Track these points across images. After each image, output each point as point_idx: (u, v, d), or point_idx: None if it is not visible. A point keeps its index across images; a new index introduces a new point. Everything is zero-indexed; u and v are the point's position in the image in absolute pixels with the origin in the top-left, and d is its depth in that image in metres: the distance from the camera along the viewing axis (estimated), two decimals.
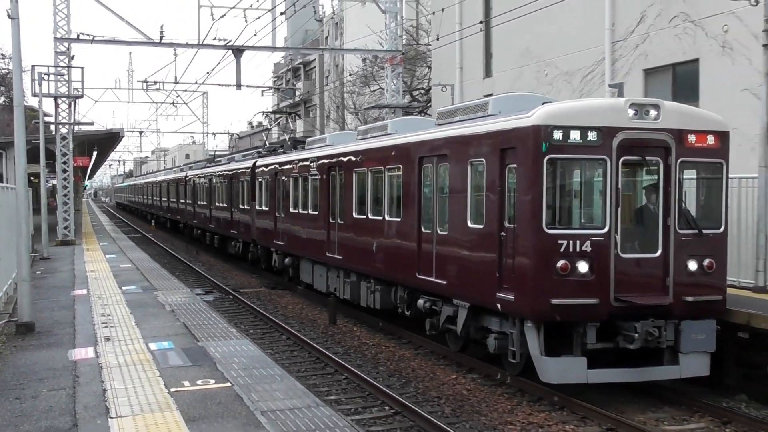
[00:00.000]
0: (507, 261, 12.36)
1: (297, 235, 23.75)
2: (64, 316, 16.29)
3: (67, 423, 9.01)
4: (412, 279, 15.89)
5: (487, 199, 13.05)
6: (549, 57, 26.77)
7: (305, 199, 23.02)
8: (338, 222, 20.13)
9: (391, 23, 35.30)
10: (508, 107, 13.88)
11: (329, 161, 21.15)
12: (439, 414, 12.11)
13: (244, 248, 31.01)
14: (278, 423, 9.01)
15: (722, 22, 20.00)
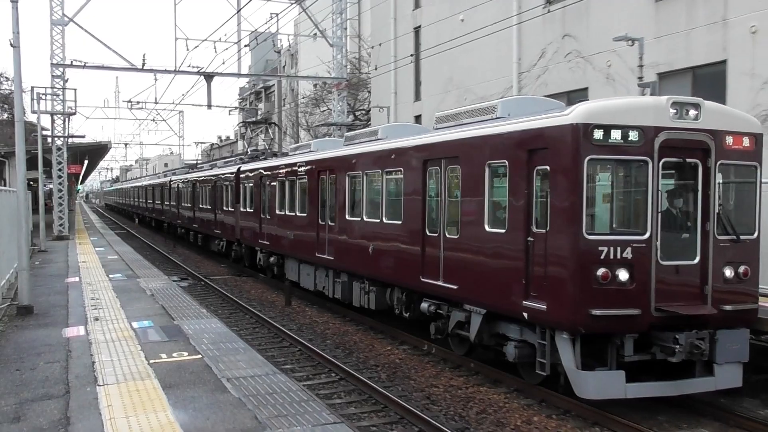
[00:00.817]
0: (536, 268, 10.00)
1: (283, 236, 21.25)
2: (59, 300, 16.05)
3: (61, 390, 8.90)
4: (414, 282, 13.41)
5: (511, 203, 10.56)
6: (468, 84, 27.05)
7: (292, 201, 20.46)
8: (329, 224, 17.60)
9: (337, 55, 35.32)
10: (519, 109, 11.71)
11: (319, 165, 18.48)
12: (377, 379, 12.16)
13: (227, 247, 28.85)
14: (241, 388, 8.99)
15: (606, 58, 20.45)
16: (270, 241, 22.47)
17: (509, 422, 9.94)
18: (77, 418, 7.79)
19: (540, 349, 10.13)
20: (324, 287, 18.35)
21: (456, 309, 12.20)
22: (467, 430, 9.73)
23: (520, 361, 10.71)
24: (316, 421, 7.73)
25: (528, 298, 10.06)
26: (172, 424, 7.53)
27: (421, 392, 11.46)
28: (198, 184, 34.21)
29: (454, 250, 12.08)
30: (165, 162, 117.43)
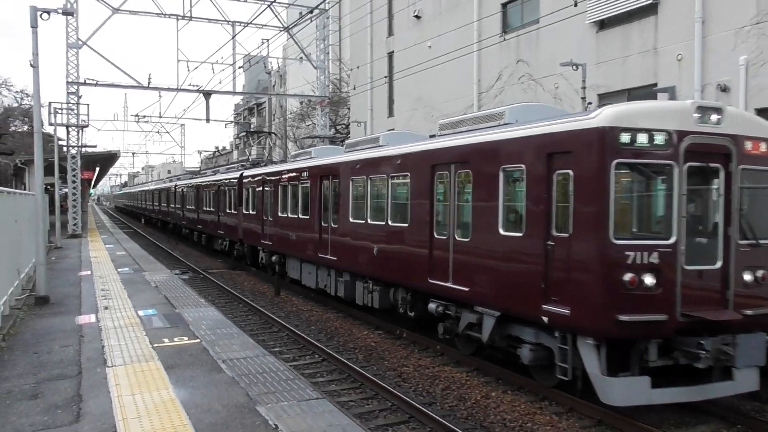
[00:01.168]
0: (556, 272, 8.88)
1: (285, 237, 19.83)
2: (73, 291, 15.84)
3: (74, 371, 8.79)
4: (421, 283, 12.20)
5: (528, 207, 9.44)
6: (434, 103, 27.09)
7: (294, 204, 19.11)
8: (331, 226, 16.31)
9: (320, 76, 35.32)
10: (526, 116, 10.71)
11: (322, 171, 17.15)
12: (355, 360, 12.16)
13: (230, 246, 27.70)
14: (235, 368, 8.94)
15: (554, 81, 20.59)
16: (272, 242, 21.22)
17: (470, 397, 9.98)
18: (88, 396, 7.70)
19: (560, 353, 9.06)
20: (326, 285, 17.10)
21: (466, 310, 11.02)
22: (434, 404, 9.74)
23: (534, 363, 9.69)
24: (301, 397, 7.71)
25: (548, 302, 8.95)
26: (173, 400, 7.47)
27: (394, 371, 11.47)
28: (202, 188, 33.28)
29: (465, 253, 10.90)
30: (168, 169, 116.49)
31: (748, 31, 15.17)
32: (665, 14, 17.35)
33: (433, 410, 9.20)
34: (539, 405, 9.59)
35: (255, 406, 7.32)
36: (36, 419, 6.95)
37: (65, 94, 31.56)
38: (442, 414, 9.17)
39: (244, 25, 31.05)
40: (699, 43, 16.27)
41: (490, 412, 9.33)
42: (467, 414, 9.32)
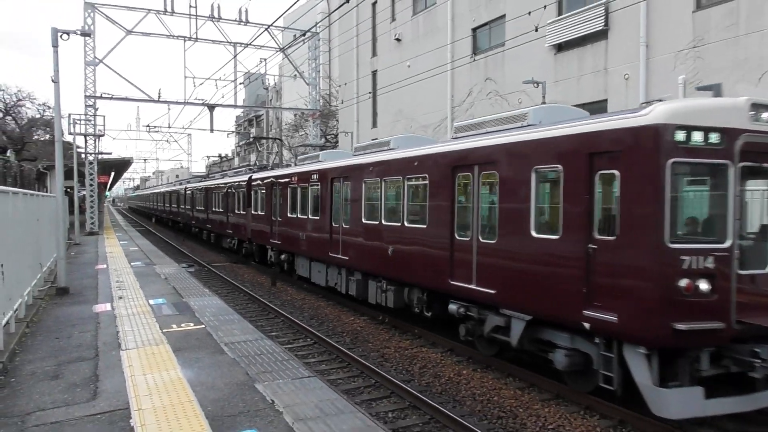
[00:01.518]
0: (601, 277, 7.53)
1: (295, 236, 18.39)
2: (90, 282, 15.64)
3: (92, 354, 8.67)
4: (440, 284, 10.84)
5: (566, 209, 8.05)
6: (413, 115, 27.12)
7: (304, 205, 17.67)
8: (343, 226, 14.91)
9: (312, 92, 35.22)
10: (550, 117, 9.47)
11: (334, 173, 15.65)
12: (343, 342, 12.12)
13: (238, 244, 26.40)
14: (236, 350, 8.86)
15: (518, 97, 20.68)
16: (281, 241, 19.75)
17: (444, 374, 9.98)
18: (104, 376, 7.60)
19: (601, 360, 7.79)
20: (336, 284, 15.72)
21: (492, 313, 9.73)
22: (412, 380, 9.74)
23: (570, 369, 8.40)
24: (295, 375, 7.66)
25: (590, 308, 7.65)
26: (180, 380, 7.40)
27: (377, 352, 11.45)
28: (211, 190, 31.96)
29: (491, 255, 9.56)
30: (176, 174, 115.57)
31: (686, 54, 15.34)
32: (614, 39, 17.49)
33: (411, 386, 9.19)
34: (504, 381, 9.61)
35: (254, 383, 7.27)
36: (57, 397, 6.86)
37: (83, 106, 31.22)
38: (420, 389, 9.17)
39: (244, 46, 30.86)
40: (644, 64, 16.43)
41: (461, 388, 9.35)
42: (441, 389, 9.33)
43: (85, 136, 32.31)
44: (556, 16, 19.15)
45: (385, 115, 30.27)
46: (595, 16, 17.68)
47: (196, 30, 30.72)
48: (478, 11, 23.22)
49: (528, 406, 8.55)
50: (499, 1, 22.04)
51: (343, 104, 34.15)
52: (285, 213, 19.50)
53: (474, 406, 8.59)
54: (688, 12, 15.37)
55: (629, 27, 16.84)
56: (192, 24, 30.54)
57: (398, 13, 28.89)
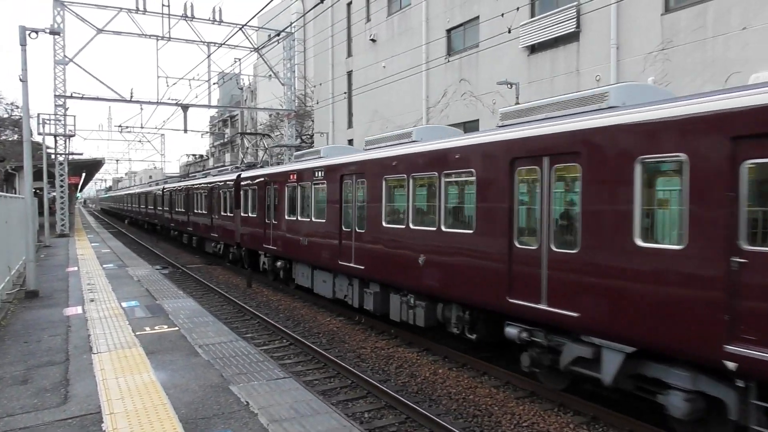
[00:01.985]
0: (755, 301, 5.72)
1: (294, 241, 16.14)
2: (61, 285, 15.34)
3: (62, 358, 8.50)
4: (494, 301, 8.88)
5: (694, 211, 6.19)
6: (388, 116, 27.15)
7: (305, 207, 15.64)
8: (356, 231, 12.90)
9: (287, 92, 35.05)
10: (633, 97, 7.69)
11: (345, 169, 13.52)
12: (319, 343, 12.06)
13: (225, 249, 24.24)
14: (210, 352, 8.77)
15: (492, 98, 20.85)
16: (277, 246, 17.57)
17: (420, 374, 10.00)
18: (75, 380, 7.46)
19: (748, 410, 6.00)
20: (346, 296, 13.70)
21: (569, 340, 7.87)
22: (388, 380, 9.74)
23: (691, 417, 6.54)
24: (270, 377, 7.61)
25: (736, 342, 5.81)
26: (153, 382, 7.29)
27: (353, 353, 11.42)
28: (193, 190, 29.41)
29: (569, 269, 7.65)
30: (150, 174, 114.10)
31: (655, 56, 15.60)
32: (586, 41, 17.72)
33: (387, 386, 9.20)
34: (480, 380, 9.67)
35: (228, 385, 7.20)
36: (26, 402, 6.71)
37: (53, 106, 30.64)
38: (396, 389, 9.18)
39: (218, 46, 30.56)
40: (614, 66, 16.67)
41: (437, 387, 9.38)
42: (418, 389, 9.35)
43: (55, 137, 31.71)
44: (529, 18, 19.34)
45: (361, 115, 30.26)
46: (567, 18, 17.89)
47: (169, 29, 30.37)
48: (453, 12, 23.34)
49: (503, 404, 8.61)
50: (473, 3, 22.18)
51: (319, 105, 34.06)
52: (281, 215, 17.25)
53: (450, 405, 8.63)
54: (657, 15, 15.64)
55: (600, 29, 17.08)
56: (165, 23, 30.20)
57: (373, 13, 28.91)
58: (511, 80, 18.89)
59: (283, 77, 34.91)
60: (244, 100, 69.50)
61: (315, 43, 36.44)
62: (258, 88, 63.38)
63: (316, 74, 36.78)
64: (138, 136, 56.67)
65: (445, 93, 23.67)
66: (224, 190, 23.73)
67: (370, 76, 27.86)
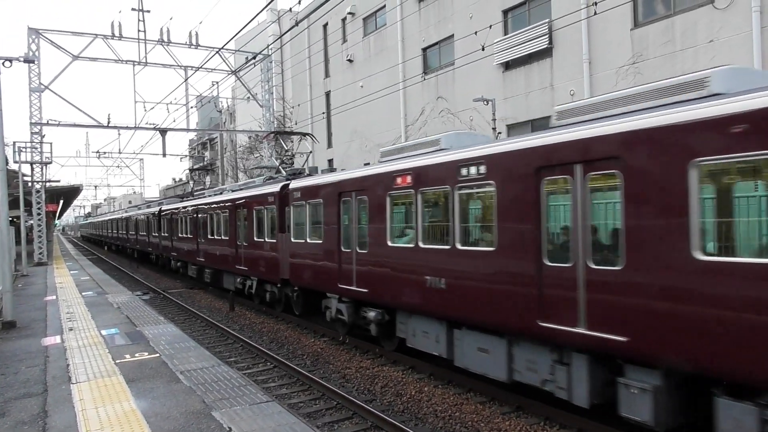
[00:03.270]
0: None
1: (403, 281, 10.56)
2: (39, 315, 15.05)
3: (40, 389, 8.30)
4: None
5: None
6: (367, 135, 27.26)
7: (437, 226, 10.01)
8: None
9: (266, 113, 35.03)
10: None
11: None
12: (303, 365, 11.95)
13: (258, 286, 18.38)
14: (192, 378, 8.63)
15: (469, 114, 21.04)
16: (366, 286, 11.64)
17: (406, 392, 9.93)
18: (54, 411, 7.29)
19: None
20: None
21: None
22: (374, 400, 9.65)
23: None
24: (253, 401, 7.50)
25: None
26: (134, 411, 7.15)
27: (338, 373, 11.32)
28: (206, 211, 23.46)
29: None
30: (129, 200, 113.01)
31: (627, 70, 15.89)
32: (559, 57, 18.00)
33: (373, 406, 9.11)
34: (466, 396, 9.62)
35: (210, 411, 7.08)
36: None
37: (29, 133, 30.36)
38: (382, 409, 9.09)
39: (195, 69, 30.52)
40: (587, 80, 16.95)
41: (423, 405, 9.31)
42: (404, 407, 9.27)
43: (32, 164, 31.36)
44: (503, 35, 19.61)
45: (340, 135, 30.35)
46: (539, 34, 18.18)
47: (145, 54, 30.29)
48: (428, 31, 23.59)
49: (489, 420, 8.57)
50: (447, 21, 22.45)
51: (298, 125, 34.09)
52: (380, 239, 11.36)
53: (436, 423, 8.56)
54: (626, 30, 15.95)
55: (572, 45, 17.37)
56: (141, 48, 30.13)
57: (349, 34, 29.14)
58: (488, 97, 19.10)
59: (261, 99, 34.94)
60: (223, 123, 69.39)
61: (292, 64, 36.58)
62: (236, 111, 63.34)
63: (294, 95, 36.88)
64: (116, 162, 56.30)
65: (423, 111, 23.85)
66: (259, 207, 17.85)
67: (348, 96, 28.00)
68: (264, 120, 35.54)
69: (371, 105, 25.71)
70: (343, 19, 29.47)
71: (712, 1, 13.93)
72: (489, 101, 19.04)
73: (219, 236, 21.58)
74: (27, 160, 30.97)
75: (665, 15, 15.11)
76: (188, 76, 31.68)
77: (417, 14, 24.14)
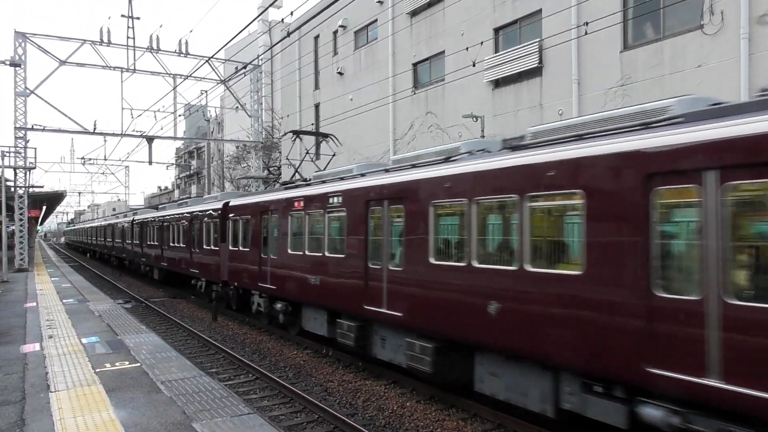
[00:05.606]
0: None
1: None
2: (18, 321, 14.91)
3: (18, 397, 8.25)
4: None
5: None
6: (355, 148, 27.37)
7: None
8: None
9: (255, 123, 35.14)
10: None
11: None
12: (285, 377, 11.94)
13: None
14: (173, 388, 8.62)
15: (458, 130, 21.22)
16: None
17: (388, 407, 9.96)
18: (31, 420, 7.25)
19: None
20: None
21: None
22: (356, 414, 9.67)
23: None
24: (234, 413, 7.51)
25: None
26: (113, 421, 7.13)
27: (320, 386, 11.33)
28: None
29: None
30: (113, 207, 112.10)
31: (615, 92, 16.15)
32: (548, 76, 18.27)
33: (355, 420, 9.14)
34: (447, 412, 9.66)
35: (191, 422, 7.08)
36: None
37: (13, 138, 30.16)
38: (363, 423, 9.11)
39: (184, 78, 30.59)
40: (576, 100, 17.20)
41: (405, 420, 9.34)
42: (385, 422, 9.30)
43: (15, 170, 31.12)
44: (493, 53, 19.88)
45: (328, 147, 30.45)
46: (530, 53, 18.45)
47: (134, 61, 30.33)
48: (419, 47, 23.85)
49: None
50: (438, 37, 22.72)
51: (286, 136, 34.16)
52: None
53: None
54: (616, 52, 16.24)
55: (562, 65, 17.64)
56: (130, 55, 30.16)
57: (340, 47, 29.35)
58: (477, 113, 19.30)
59: (249, 109, 35.05)
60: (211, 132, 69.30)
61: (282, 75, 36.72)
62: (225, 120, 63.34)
63: (283, 106, 36.98)
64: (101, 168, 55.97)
65: (412, 125, 24.03)
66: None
67: (338, 109, 28.16)
68: (252, 130, 35.64)
69: (360, 118, 25.88)
70: (334, 32, 29.70)
71: (701, 27, 14.25)
72: (478, 118, 19.25)
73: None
74: (10, 165, 30.74)
75: (655, 39, 15.41)
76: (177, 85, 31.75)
77: (408, 29, 24.41)
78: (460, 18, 21.52)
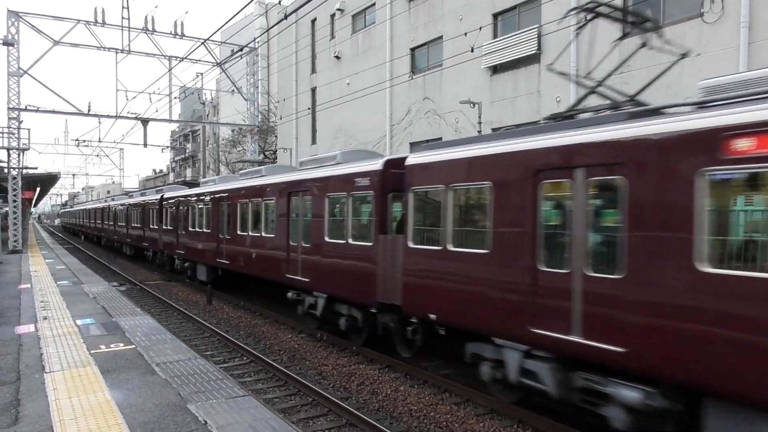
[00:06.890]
0: None
1: None
2: (12, 303, 14.91)
3: (13, 377, 8.28)
4: None
5: None
6: (352, 133, 27.33)
7: None
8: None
9: (250, 107, 34.97)
10: None
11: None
12: (280, 361, 12.02)
13: None
14: (168, 370, 8.66)
15: (455, 116, 21.21)
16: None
17: (382, 391, 10.05)
18: (26, 400, 7.29)
19: None
20: None
21: None
22: (350, 398, 9.76)
23: None
24: (229, 395, 7.56)
25: None
26: (108, 402, 7.17)
27: (315, 370, 11.40)
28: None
29: None
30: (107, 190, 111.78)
31: (613, 79, 16.13)
32: (546, 63, 18.23)
33: (349, 404, 9.22)
34: (441, 397, 9.76)
35: (186, 404, 7.13)
36: None
37: (6, 119, 29.99)
38: (357, 407, 9.20)
39: (179, 60, 30.38)
40: (573, 88, 17.17)
41: (398, 404, 9.43)
42: (379, 406, 9.38)
43: (8, 150, 30.96)
44: (492, 38, 19.80)
45: (325, 131, 30.38)
46: (528, 39, 18.39)
47: (128, 42, 30.07)
48: (417, 32, 23.73)
49: (463, 421, 8.71)
50: (437, 22, 22.61)
51: (282, 120, 34.08)
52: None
53: (411, 423, 8.69)
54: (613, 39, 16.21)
55: (559, 51, 17.60)
56: (125, 36, 29.91)
57: (338, 31, 29.18)
58: (474, 99, 19.27)
59: (246, 92, 34.86)
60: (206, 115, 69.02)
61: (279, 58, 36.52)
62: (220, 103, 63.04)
63: (280, 90, 36.82)
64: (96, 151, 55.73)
65: (409, 111, 23.99)
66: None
67: (335, 93, 28.06)
68: (248, 113, 35.49)
69: (357, 103, 25.82)
70: (332, 16, 29.51)
71: (701, 15, 14.22)
72: (475, 104, 19.22)
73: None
74: (4, 146, 30.59)
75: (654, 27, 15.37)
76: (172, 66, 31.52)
77: (407, 14, 24.27)
78: (459, 3, 21.41)
